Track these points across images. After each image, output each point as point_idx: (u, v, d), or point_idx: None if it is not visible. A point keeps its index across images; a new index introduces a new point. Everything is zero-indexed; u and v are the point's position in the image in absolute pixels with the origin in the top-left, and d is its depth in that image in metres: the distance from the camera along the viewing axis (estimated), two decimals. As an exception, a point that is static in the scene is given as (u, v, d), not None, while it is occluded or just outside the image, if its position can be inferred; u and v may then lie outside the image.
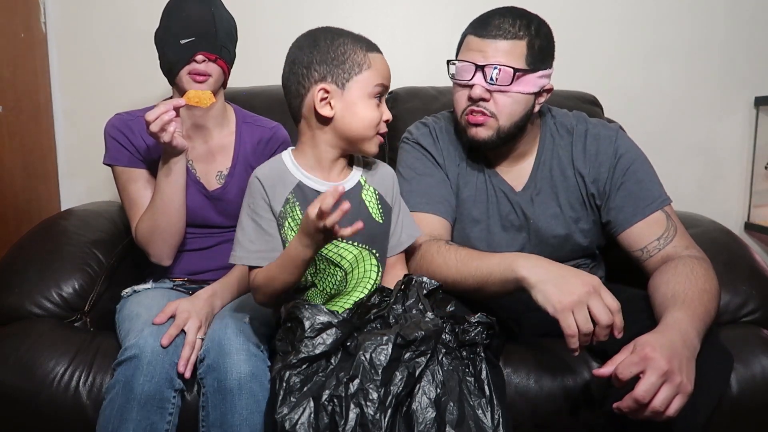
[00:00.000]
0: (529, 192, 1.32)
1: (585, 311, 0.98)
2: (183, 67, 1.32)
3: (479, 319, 0.99)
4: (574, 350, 0.98)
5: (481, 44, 1.21)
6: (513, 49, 1.20)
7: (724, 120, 2.03)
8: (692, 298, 1.05)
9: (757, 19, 1.99)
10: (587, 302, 0.98)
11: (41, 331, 1.21)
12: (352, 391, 0.88)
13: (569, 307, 0.98)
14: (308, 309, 0.96)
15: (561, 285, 1.00)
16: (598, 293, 0.99)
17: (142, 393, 1.07)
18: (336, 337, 0.94)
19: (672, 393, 0.90)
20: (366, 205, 1.13)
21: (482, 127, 1.23)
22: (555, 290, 1.00)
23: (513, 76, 1.19)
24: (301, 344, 0.94)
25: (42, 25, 1.88)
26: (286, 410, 0.90)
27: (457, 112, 1.28)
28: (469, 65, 1.21)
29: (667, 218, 1.23)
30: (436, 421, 0.88)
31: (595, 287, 0.99)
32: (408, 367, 0.90)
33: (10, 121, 1.74)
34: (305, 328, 0.95)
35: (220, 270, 1.37)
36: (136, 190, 1.37)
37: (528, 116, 1.26)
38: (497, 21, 1.21)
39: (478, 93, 1.20)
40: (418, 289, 0.98)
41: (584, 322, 0.97)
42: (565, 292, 0.99)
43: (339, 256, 1.09)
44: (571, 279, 1.01)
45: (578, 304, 0.98)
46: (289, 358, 0.94)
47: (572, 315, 0.98)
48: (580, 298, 0.98)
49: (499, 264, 1.10)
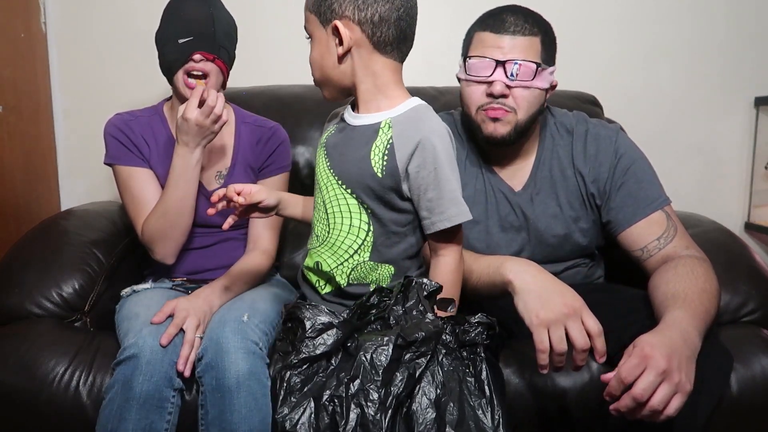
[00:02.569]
0: (529, 191, 1.32)
1: (561, 331, 0.96)
2: (181, 67, 1.32)
3: (479, 319, 0.99)
4: (542, 367, 0.97)
5: (498, 40, 1.21)
6: (531, 45, 1.21)
7: (724, 120, 2.03)
8: (692, 298, 1.04)
9: (757, 19, 1.99)
10: (565, 323, 0.97)
11: (41, 331, 1.21)
12: (352, 392, 0.88)
13: (546, 324, 0.97)
14: (309, 309, 0.96)
15: (543, 299, 0.99)
16: (578, 316, 0.97)
17: (141, 392, 1.07)
18: (337, 338, 0.94)
19: (670, 392, 0.89)
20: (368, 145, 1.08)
21: (500, 123, 1.23)
22: (536, 303, 0.99)
23: (535, 71, 1.20)
24: (302, 344, 0.94)
25: (42, 25, 1.88)
26: (286, 410, 0.90)
27: (470, 109, 1.26)
28: (489, 61, 1.21)
29: (667, 218, 1.23)
30: (436, 422, 0.88)
31: (576, 309, 0.97)
32: (408, 368, 0.90)
33: (10, 121, 1.74)
34: (306, 328, 0.95)
35: (218, 269, 1.37)
36: (138, 189, 1.37)
37: (540, 111, 1.27)
38: (512, 18, 1.22)
39: (500, 89, 1.20)
40: (418, 291, 0.98)
41: (558, 342, 0.96)
42: (546, 307, 0.98)
43: (318, 178, 1.14)
44: (555, 296, 0.99)
45: (555, 323, 0.97)
46: (289, 358, 0.94)
47: (547, 332, 0.97)
48: (558, 317, 0.97)
49: (489, 266, 1.10)
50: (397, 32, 1.05)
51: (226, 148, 1.44)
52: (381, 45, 1.05)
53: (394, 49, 1.06)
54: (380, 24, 1.04)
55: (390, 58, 1.07)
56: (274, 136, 1.47)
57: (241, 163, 1.43)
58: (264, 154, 1.45)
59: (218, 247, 1.43)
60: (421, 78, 1.85)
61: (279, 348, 1.00)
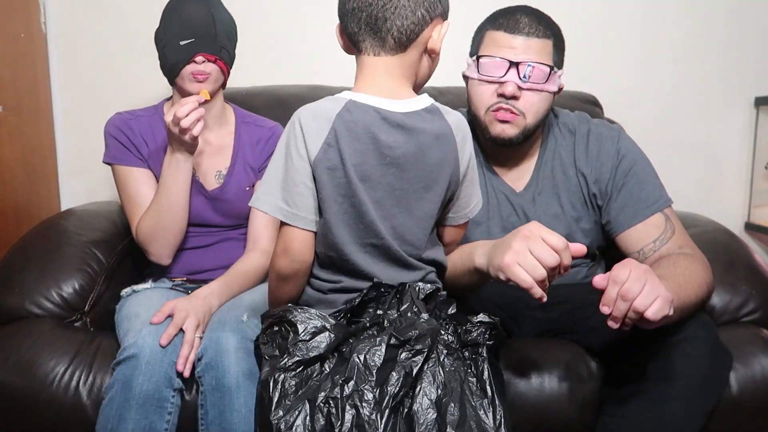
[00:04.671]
0: (530, 191, 1.32)
1: (529, 258, 0.92)
2: (183, 68, 1.32)
3: (481, 319, 0.99)
4: (540, 298, 0.93)
5: (512, 40, 1.20)
6: (544, 47, 1.21)
7: (724, 120, 2.03)
8: (665, 277, 1.03)
9: (756, 19, 1.99)
10: (528, 248, 0.93)
11: (41, 331, 1.21)
12: (347, 393, 0.88)
13: (514, 261, 0.93)
14: (301, 313, 0.95)
15: (501, 246, 0.97)
16: (538, 237, 0.94)
17: (141, 392, 1.07)
18: (330, 340, 0.93)
19: (653, 293, 0.91)
20: None
21: (509, 125, 1.22)
22: (497, 254, 0.96)
23: (548, 75, 1.19)
24: (295, 347, 0.93)
25: (42, 25, 1.87)
26: (281, 413, 0.89)
27: (478, 110, 1.25)
28: (501, 61, 1.20)
29: (666, 220, 1.23)
30: (437, 422, 0.88)
31: (532, 231, 0.94)
32: (405, 367, 0.90)
33: (10, 121, 1.73)
34: (299, 331, 0.94)
35: (218, 269, 1.37)
36: (136, 188, 1.37)
37: (548, 114, 1.27)
38: (526, 18, 1.21)
39: (512, 90, 1.19)
40: (411, 294, 0.98)
41: (533, 269, 0.92)
42: (506, 250, 0.95)
43: None
44: (509, 237, 0.97)
45: (520, 254, 0.93)
46: (282, 361, 0.93)
47: (520, 267, 0.93)
48: (519, 248, 0.93)
49: (461, 256, 1.09)
50: (357, 26, 0.96)
51: (226, 148, 1.44)
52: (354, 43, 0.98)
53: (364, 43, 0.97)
54: (343, 19, 0.98)
55: (364, 55, 0.98)
56: (274, 136, 1.47)
57: (241, 163, 1.43)
58: (264, 154, 1.45)
59: (218, 247, 1.43)
60: (421, 78, 1.85)
61: (265, 352, 0.98)
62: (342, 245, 0.97)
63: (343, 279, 1.00)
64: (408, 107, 0.97)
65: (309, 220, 0.97)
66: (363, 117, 0.95)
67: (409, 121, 0.96)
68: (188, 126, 1.22)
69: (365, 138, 0.95)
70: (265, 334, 1.00)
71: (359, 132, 0.94)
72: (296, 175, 0.95)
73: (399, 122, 0.96)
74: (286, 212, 0.96)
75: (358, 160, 0.94)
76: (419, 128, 0.97)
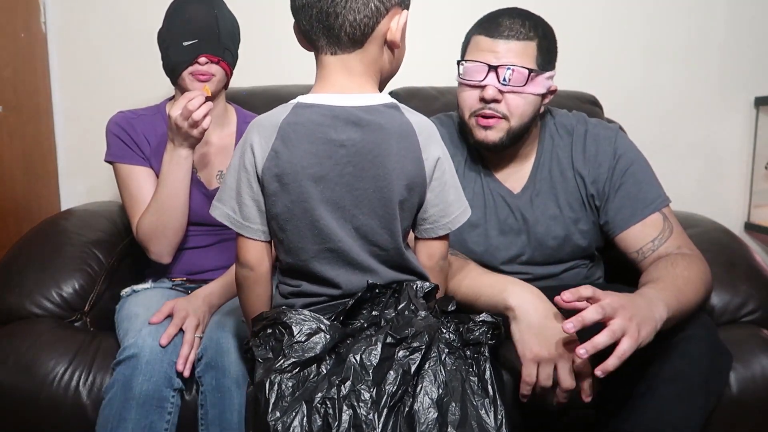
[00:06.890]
0: (528, 193, 1.31)
1: (550, 369, 1.00)
2: (186, 68, 1.32)
3: (484, 318, 0.99)
4: (524, 396, 1.02)
5: (492, 44, 1.20)
6: (525, 50, 1.20)
7: (724, 120, 2.03)
8: (664, 279, 1.07)
9: (757, 19, 1.99)
10: (556, 362, 1.00)
11: (41, 331, 1.21)
12: (344, 393, 0.88)
13: (537, 359, 1.01)
14: (295, 314, 0.95)
15: (541, 336, 1.02)
16: (571, 358, 0.99)
17: (141, 392, 1.07)
18: (326, 341, 0.93)
19: (620, 330, 0.91)
20: None
21: (492, 130, 1.22)
22: (532, 337, 1.02)
23: (528, 77, 1.19)
24: (290, 349, 0.93)
25: (42, 25, 1.87)
26: (278, 414, 0.89)
27: (464, 113, 1.26)
28: (482, 65, 1.20)
29: (664, 220, 1.23)
30: (438, 422, 0.88)
31: (569, 351, 0.99)
32: (402, 366, 0.90)
33: (10, 121, 1.74)
34: (294, 333, 0.93)
35: (218, 269, 1.37)
36: (138, 187, 1.37)
37: (535, 117, 1.26)
38: (508, 21, 1.21)
39: (492, 94, 1.19)
40: (409, 292, 0.97)
41: (545, 379, 1.00)
42: (541, 344, 1.01)
43: None
44: (552, 335, 1.01)
45: (546, 361, 1.00)
46: (278, 363, 0.92)
47: (536, 367, 1.00)
48: (550, 356, 1.00)
49: (491, 287, 1.11)
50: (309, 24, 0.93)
51: (228, 148, 1.44)
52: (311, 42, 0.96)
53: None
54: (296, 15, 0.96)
55: (322, 54, 0.96)
56: (274, 136, 1.47)
57: (241, 163, 1.43)
58: (264, 154, 1.45)
59: (218, 246, 1.43)
60: (421, 78, 1.85)
61: (258, 354, 0.97)
62: (297, 252, 0.96)
63: (302, 283, 0.99)
64: (364, 101, 0.94)
65: (255, 230, 0.97)
66: (311, 117, 0.93)
67: (365, 116, 0.93)
68: (200, 118, 1.22)
69: (315, 138, 0.92)
70: (258, 336, 0.98)
71: (307, 133, 0.92)
72: (243, 187, 0.95)
73: (353, 118, 0.93)
74: (233, 220, 0.97)
75: (310, 162, 0.92)
76: (376, 123, 0.93)
